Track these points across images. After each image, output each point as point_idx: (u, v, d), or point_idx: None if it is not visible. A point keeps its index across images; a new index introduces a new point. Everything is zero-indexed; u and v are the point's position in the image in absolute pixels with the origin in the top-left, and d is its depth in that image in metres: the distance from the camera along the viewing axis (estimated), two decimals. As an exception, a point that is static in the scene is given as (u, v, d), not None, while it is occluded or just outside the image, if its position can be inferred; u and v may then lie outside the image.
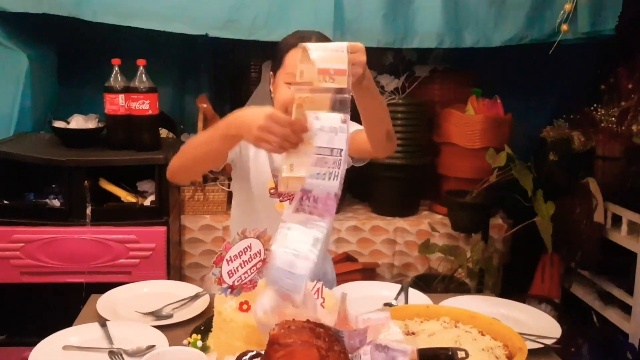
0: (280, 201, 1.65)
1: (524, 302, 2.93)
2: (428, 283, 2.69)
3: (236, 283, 1.26)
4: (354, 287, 1.74)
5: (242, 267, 1.27)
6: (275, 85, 1.60)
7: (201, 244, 2.81)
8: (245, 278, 1.28)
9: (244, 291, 1.28)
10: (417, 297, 1.69)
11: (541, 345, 1.43)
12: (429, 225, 2.85)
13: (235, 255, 1.25)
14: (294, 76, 1.47)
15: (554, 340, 1.46)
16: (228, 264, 1.24)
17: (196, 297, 1.62)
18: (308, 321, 1.10)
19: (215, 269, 1.24)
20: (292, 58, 1.51)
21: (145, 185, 2.55)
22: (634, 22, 2.83)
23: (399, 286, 1.74)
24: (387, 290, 1.75)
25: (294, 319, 1.10)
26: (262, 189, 1.66)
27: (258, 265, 1.28)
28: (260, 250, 1.28)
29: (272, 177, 1.65)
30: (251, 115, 1.25)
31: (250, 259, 1.27)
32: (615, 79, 2.97)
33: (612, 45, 2.91)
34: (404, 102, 2.94)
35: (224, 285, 1.25)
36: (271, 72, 1.64)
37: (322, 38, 1.55)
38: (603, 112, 2.90)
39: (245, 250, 1.26)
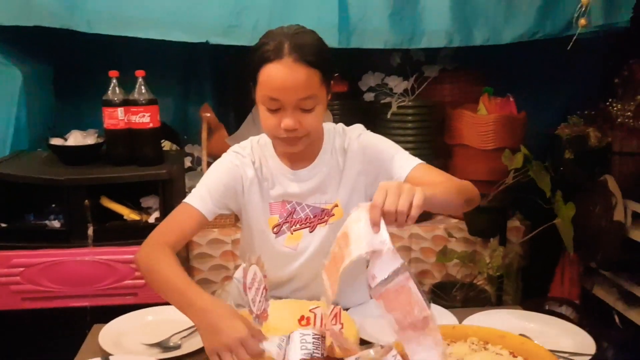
0: (294, 231, 1.56)
1: (544, 305, 2.91)
2: (446, 291, 2.61)
3: (258, 312, 1.20)
4: (370, 306, 1.64)
5: (257, 295, 1.21)
6: (256, 102, 1.43)
7: (210, 258, 2.72)
8: (261, 307, 1.21)
9: (262, 320, 1.21)
10: (439, 313, 1.60)
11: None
12: (445, 230, 2.76)
13: (251, 282, 1.19)
14: (271, 100, 1.36)
15: (589, 358, 1.37)
16: (249, 292, 1.18)
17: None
18: None
19: (245, 297, 1.19)
20: (266, 77, 1.35)
21: (149, 201, 2.46)
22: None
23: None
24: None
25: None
26: (262, 232, 1.57)
27: (264, 293, 1.23)
28: (260, 277, 1.22)
29: (269, 210, 1.56)
30: (225, 326, 1.15)
31: (258, 286, 1.21)
32: (629, 72, 2.88)
33: (624, 38, 2.82)
34: (414, 104, 2.86)
35: (253, 315, 1.19)
36: (250, 83, 1.44)
37: (299, 39, 1.36)
38: (619, 107, 2.81)
39: (254, 277, 1.20)
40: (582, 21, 2.39)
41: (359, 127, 1.60)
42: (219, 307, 1.19)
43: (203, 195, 1.51)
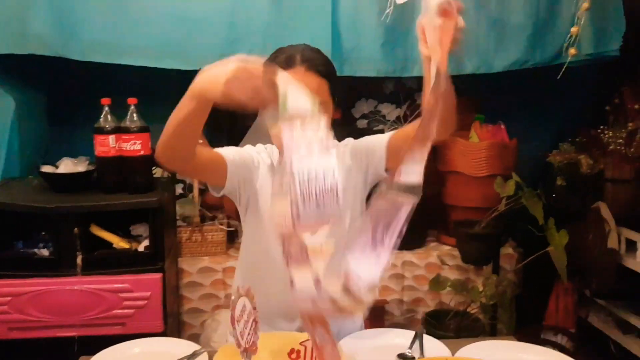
0: None
1: (539, 334, 2.88)
2: (440, 320, 2.58)
3: (247, 345, 1.17)
4: (362, 337, 1.62)
5: (246, 328, 1.18)
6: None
7: (200, 287, 2.69)
8: (250, 340, 1.18)
9: (251, 353, 1.18)
10: (432, 345, 1.57)
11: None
12: (438, 257, 2.75)
13: (240, 315, 1.17)
14: None
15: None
16: (237, 325, 1.16)
17: (194, 355, 1.50)
18: None
19: (234, 331, 1.17)
20: None
21: (139, 229, 2.44)
22: (637, 41, 2.77)
23: (411, 332, 1.62)
24: (400, 337, 1.63)
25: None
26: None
27: (253, 326, 1.19)
28: (250, 309, 1.18)
29: None
30: (217, 68, 1.13)
31: (247, 319, 1.18)
32: (620, 99, 2.91)
33: (614, 65, 2.85)
34: (406, 131, 2.85)
35: (241, 349, 1.16)
36: None
37: (309, 53, 1.47)
38: (610, 134, 2.83)
39: (244, 309, 1.17)
40: (572, 51, 2.41)
41: (349, 139, 1.69)
42: (201, 71, 1.18)
43: (225, 150, 1.53)
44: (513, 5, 2.62)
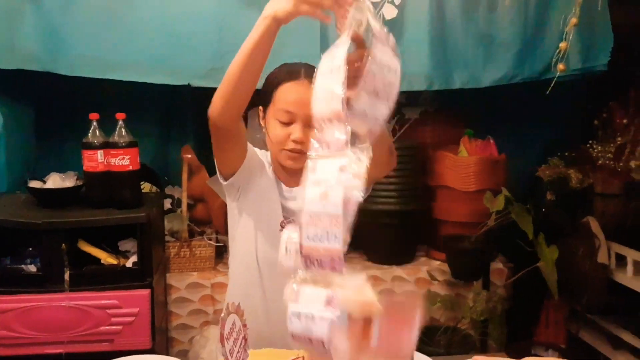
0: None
1: (529, 349, 2.87)
2: (430, 336, 2.57)
3: None
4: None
5: (235, 346, 1.17)
6: (266, 121, 1.58)
7: (188, 303, 2.67)
8: (239, 357, 1.17)
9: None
10: (422, 361, 1.56)
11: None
12: (428, 273, 2.74)
13: (229, 332, 1.16)
14: (285, 113, 1.50)
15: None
16: (227, 343, 1.15)
17: (182, 373, 1.48)
18: None
19: (223, 349, 1.16)
20: (282, 93, 1.52)
21: (127, 245, 2.42)
22: (625, 55, 2.79)
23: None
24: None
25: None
26: (272, 220, 1.59)
27: (243, 344, 1.19)
28: (240, 326, 1.19)
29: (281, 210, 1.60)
30: None
31: (237, 336, 1.18)
32: (608, 114, 2.93)
33: (603, 80, 2.87)
34: (396, 145, 2.83)
35: None
36: (260, 107, 1.61)
37: (311, 69, 1.48)
38: (599, 148, 2.84)
39: (233, 327, 1.17)
40: (561, 66, 2.43)
41: None
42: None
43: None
44: (501, 21, 2.64)
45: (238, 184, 1.58)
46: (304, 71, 1.53)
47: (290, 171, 1.58)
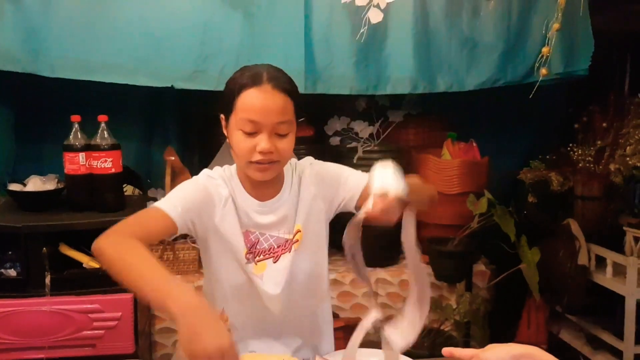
0: (257, 262, 1.54)
1: (511, 351, 2.89)
2: (413, 338, 2.57)
3: None
4: (335, 356, 1.60)
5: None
6: (229, 131, 1.46)
7: (174, 333, 2.63)
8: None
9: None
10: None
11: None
12: (411, 275, 2.75)
13: None
14: (249, 122, 1.39)
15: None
16: None
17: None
18: None
19: None
20: (244, 101, 1.40)
21: (110, 248, 2.39)
22: (605, 60, 2.83)
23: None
24: (374, 356, 1.61)
25: None
26: (236, 253, 1.53)
27: None
28: None
29: (243, 237, 1.52)
30: (208, 331, 1.06)
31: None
32: (588, 117, 2.96)
33: (583, 84, 2.91)
34: (380, 148, 2.88)
35: None
36: (222, 115, 1.48)
37: (274, 71, 1.45)
38: (579, 152, 2.87)
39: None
40: (543, 71, 2.46)
41: (309, 158, 1.65)
42: (201, 307, 1.10)
43: (173, 201, 1.45)
44: (485, 25, 2.66)
45: (187, 232, 1.49)
46: (267, 75, 1.41)
47: (261, 184, 1.50)
